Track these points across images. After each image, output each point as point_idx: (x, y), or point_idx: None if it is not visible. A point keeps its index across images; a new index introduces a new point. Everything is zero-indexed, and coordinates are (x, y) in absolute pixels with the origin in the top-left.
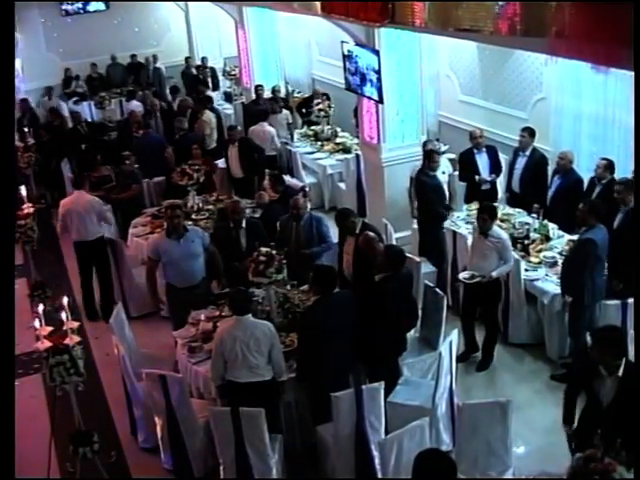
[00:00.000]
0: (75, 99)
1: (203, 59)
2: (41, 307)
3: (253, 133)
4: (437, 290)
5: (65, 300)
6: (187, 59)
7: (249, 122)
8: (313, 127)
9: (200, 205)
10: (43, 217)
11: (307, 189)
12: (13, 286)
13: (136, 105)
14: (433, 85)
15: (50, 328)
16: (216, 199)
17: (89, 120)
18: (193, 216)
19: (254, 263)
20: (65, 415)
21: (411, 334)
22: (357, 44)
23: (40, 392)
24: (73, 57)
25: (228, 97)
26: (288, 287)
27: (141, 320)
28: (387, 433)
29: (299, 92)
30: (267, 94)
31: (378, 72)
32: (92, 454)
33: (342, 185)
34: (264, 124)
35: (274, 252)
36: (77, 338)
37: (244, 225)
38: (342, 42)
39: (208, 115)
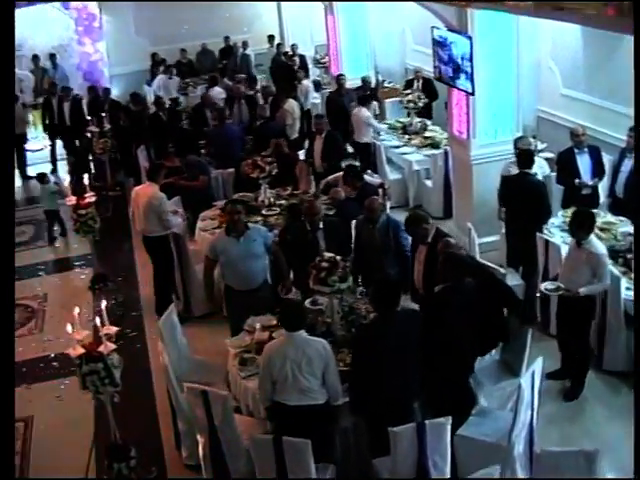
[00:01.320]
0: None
1: (293, 46)
2: (104, 303)
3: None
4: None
5: (104, 304)
6: (278, 46)
7: (330, 113)
8: (401, 119)
9: (271, 200)
10: (118, 205)
11: (386, 187)
12: (13, 289)
13: (218, 92)
14: (532, 76)
15: (86, 332)
16: (290, 193)
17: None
18: (263, 211)
19: (315, 269)
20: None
21: (491, 355)
22: (448, 29)
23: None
24: (163, 42)
25: (317, 86)
26: (357, 296)
27: (203, 320)
28: (454, 471)
29: (390, 82)
30: (352, 84)
31: (470, 60)
32: (128, 470)
33: (428, 182)
34: (360, 107)
35: (338, 257)
36: (112, 346)
37: (321, 226)
38: (432, 27)
39: (291, 104)
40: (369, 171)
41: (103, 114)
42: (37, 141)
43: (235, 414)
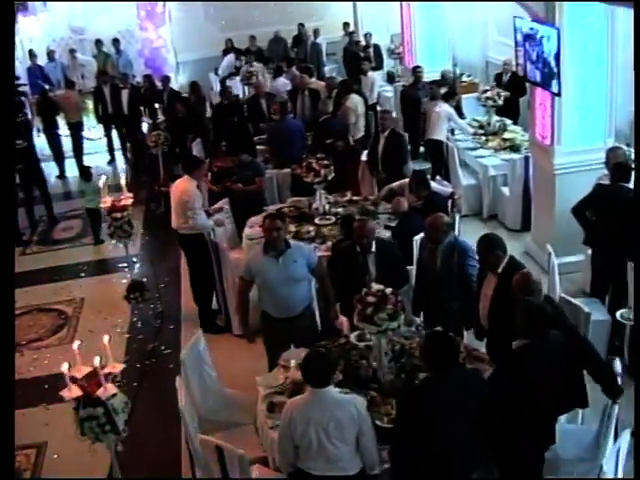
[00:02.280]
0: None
1: (366, 35)
2: (106, 338)
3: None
4: None
5: (106, 339)
6: (350, 34)
7: (404, 108)
8: (478, 117)
9: (326, 207)
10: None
11: (457, 197)
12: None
13: (283, 83)
14: (626, 76)
15: (88, 369)
16: (349, 200)
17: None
18: (317, 220)
19: (361, 304)
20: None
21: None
22: (534, 19)
23: None
24: (232, 28)
25: (390, 78)
26: (412, 329)
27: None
28: None
29: (469, 76)
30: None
31: (557, 56)
32: None
33: (505, 190)
34: (439, 102)
35: (389, 290)
36: (112, 390)
37: (374, 249)
38: (515, 17)
39: (353, 100)
40: (438, 177)
41: (157, 105)
42: (97, 130)
43: (259, 466)
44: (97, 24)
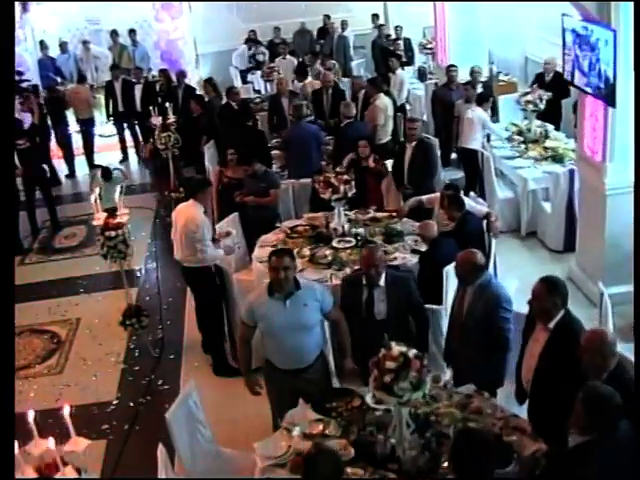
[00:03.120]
0: (248, 66)
1: (397, 28)
2: (67, 410)
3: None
4: None
5: (67, 410)
6: (380, 27)
7: (435, 111)
8: (517, 122)
9: (346, 228)
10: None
11: (493, 219)
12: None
13: (309, 81)
14: None
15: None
16: (372, 217)
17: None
18: (334, 242)
19: (377, 369)
20: None
21: None
22: (584, 19)
23: None
24: (256, 19)
25: (422, 75)
26: (440, 385)
27: None
28: None
29: (507, 74)
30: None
31: (614, 62)
32: None
33: (547, 206)
34: (473, 106)
35: (412, 353)
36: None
37: (382, 283)
38: (563, 15)
39: (383, 100)
40: (472, 194)
41: (167, 104)
42: (110, 125)
43: None
44: (113, 14)
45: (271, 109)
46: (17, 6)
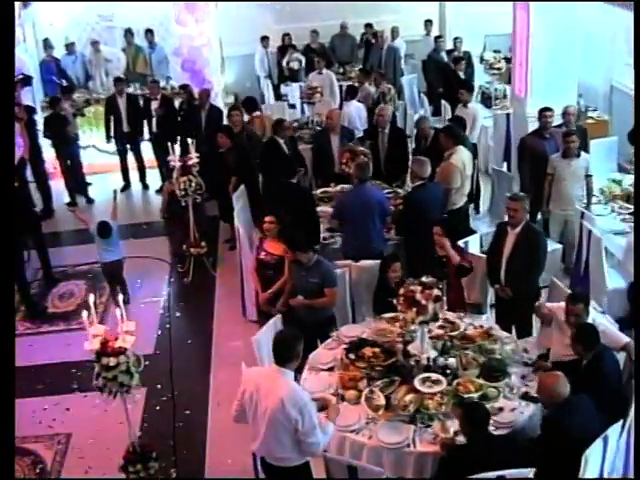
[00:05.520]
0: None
1: (456, 40)
2: None
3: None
4: None
5: None
6: (436, 39)
7: (523, 165)
8: (618, 178)
9: (431, 356)
10: (204, 270)
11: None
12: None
13: (356, 109)
14: None
15: None
16: (463, 336)
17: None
18: (416, 382)
19: None
20: None
21: None
22: None
23: None
24: (289, 20)
25: (486, 99)
26: None
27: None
28: None
29: (594, 110)
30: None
31: None
32: None
33: None
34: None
35: None
36: None
37: None
38: None
39: (461, 156)
40: (596, 306)
41: (190, 140)
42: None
43: None
44: (129, 10)
45: (317, 151)
46: (16, 5)
